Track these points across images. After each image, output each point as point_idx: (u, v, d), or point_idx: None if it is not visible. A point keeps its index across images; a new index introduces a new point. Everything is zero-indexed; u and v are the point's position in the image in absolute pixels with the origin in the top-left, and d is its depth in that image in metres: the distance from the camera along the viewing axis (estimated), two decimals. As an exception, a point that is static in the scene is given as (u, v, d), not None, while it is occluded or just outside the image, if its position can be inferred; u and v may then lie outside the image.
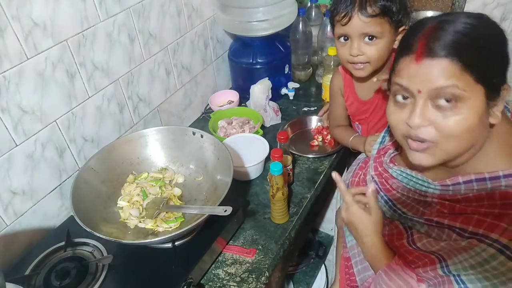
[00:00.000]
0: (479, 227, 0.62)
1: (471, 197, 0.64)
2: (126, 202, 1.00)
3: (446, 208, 0.68)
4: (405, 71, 0.64)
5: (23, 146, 0.93)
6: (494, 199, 0.62)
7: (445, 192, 0.69)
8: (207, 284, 0.93)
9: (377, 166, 0.88)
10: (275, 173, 0.94)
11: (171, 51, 1.29)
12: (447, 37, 0.60)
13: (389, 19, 0.94)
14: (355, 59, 0.99)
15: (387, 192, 0.83)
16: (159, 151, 1.11)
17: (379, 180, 0.86)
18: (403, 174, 0.78)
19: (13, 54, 0.86)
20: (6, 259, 0.95)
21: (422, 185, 0.74)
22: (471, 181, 0.64)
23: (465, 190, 0.66)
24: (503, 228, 0.59)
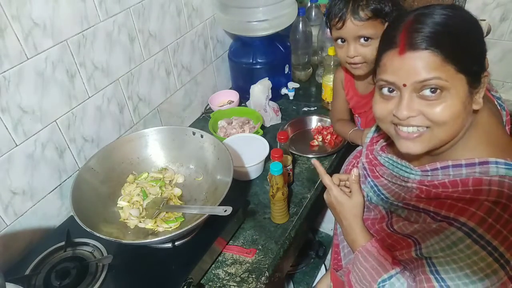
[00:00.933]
0: (450, 211, 0.64)
1: (447, 183, 0.67)
2: (126, 202, 1.00)
3: (424, 193, 0.70)
4: (388, 65, 0.66)
5: (23, 146, 0.93)
6: (467, 185, 0.64)
7: (424, 178, 0.71)
8: (207, 284, 0.93)
9: (368, 154, 0.91)
10: (275, 173, 0.94)
11: (171, 51, 1.29)
12: (427, 29, 0.62)
13: (382, 20, 0.97)
14: (351, 60, 1.03)
15: (374, 179, 0.86)
16: (159, 151, 1.11)
17: (368, 167, 0.88)
18: (390, 161, 0.81)
19: (13, 54, 0.86)
20: (6, 259, 0.95)
21: (405, 171, 0.76)
22: (448, 167, 0.67)
23: (442, 176, 0.68)
24: (472, 212, 0.61)
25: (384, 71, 0.67)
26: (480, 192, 0.62)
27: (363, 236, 0.80)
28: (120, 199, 1.01)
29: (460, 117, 0.64)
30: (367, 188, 0.87)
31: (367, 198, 0.87)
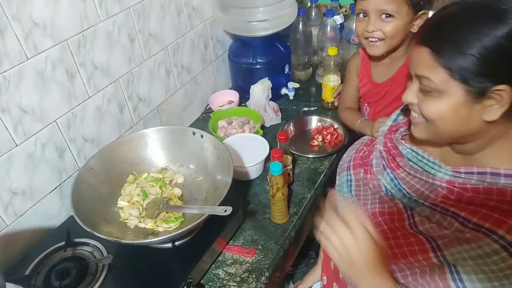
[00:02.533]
0: (485, 220, 0.61)
1: (480, 189, 0.65)
2: (126, 202, 1.00)
3: (454, 194, 0.67)
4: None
5: (23, 146, 0.93)
6: (505, 196, 0.62)
7: (455, 179, 0.68)
8: (207, 284, 0.93)
9: (387, 142, 0.86)
10: (275, 173, 0.94)
11: (171, 51, 1.29)
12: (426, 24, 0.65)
13: (407, 1, 0.97)
14: (370, 34, 1.03)
15: (393, 170, 0.81)
16: (159, 151, 1.11)
17: (386, 157, 0.84)
18: (413, 153, 0.77)
19: (13, 54, 0.86)
20: (6, 259, 0.95)
21: (432, 167, 0.73)
22: (485, 174, 0.65)
23: (476, 180, 0.66)
24: (510, 225, 0.59)
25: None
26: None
27: None
28: (120, 199, 1.01)
29: (448, 119, 0.64)
30: (384, 180, 0.82)
31: (382, 190, 0.81)
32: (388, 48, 1.05)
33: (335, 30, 1.55)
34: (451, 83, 0.62)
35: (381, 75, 1.15)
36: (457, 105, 0.63)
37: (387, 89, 1.14)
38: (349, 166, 0.93)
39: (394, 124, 0.90)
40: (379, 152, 0.87)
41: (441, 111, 0.65)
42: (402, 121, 0.90)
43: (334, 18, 1.54)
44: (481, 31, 0.58)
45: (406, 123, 0.88)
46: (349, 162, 0.94)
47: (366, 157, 0.92)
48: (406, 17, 0.99)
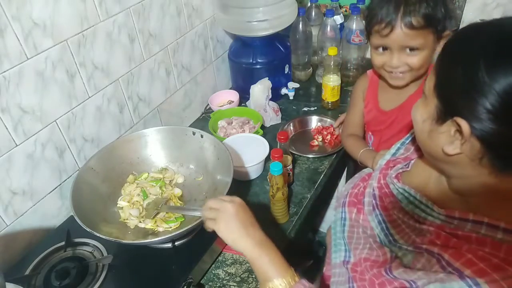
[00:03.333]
0: (468, 266, 0.55)
1: (473, 238, 0.58)
2: (126, 202, 1.00)
3: (441, 239, 0.61)
4: None
5: (23, 146, 0.93)
6: (499, 250, 0.55)
7: (447, 224, 0.62)
8: (207, 284, 0.93)
9: (380, 178, 0.81)
10: (275, 173, 0.94)
11: (171, 51, 1.29)
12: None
13: (433, 30, 0.88)
14: (394, 69, 0.95)
15: (383, 210, 0.76)
16: (159, 151, 1.11)
17: (378, 195, 0.79)
18: (406, 193, 0.72)
19: (13, 54, 0.86)
20: (6, 259, 0.95)
21: (423, 210, 0.67)
22: (481, 223, 0.58)
23: (470, 229, 0.59)
24: (493, 278, 0.52)
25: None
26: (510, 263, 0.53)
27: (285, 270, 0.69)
28: (120, 199, 1.01)
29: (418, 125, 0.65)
30: (373, 223, 0.76)
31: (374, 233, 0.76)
32: (413, 78, 0.97)
33: (335, 30, 1.55)
34: (432, 93, 0.61)
35: (389, 102, 1.06)
36: (426, 115, 0.62)
37: (394, 118, 1.06)
38: (344, 202, 0.87)
39: (393, 159, 0.85)
40: (372, 189, 0.81)
41: (415, 114, 0.65)
42: (401, 155, 0.84)
43: (334, 18, 1.54)
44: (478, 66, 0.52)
45: (405, 159, 0.83)
46: (345, 197, 0.88)
47: (361, 194, 0.85)
48: (433, 44, 0.91)
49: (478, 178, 0.59)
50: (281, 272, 0.69)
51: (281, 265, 0.70)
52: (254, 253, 0.71)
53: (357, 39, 1.52)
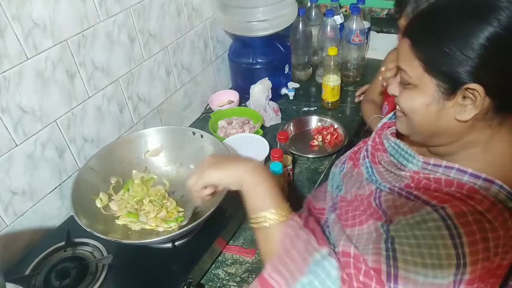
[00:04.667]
0: (434, 198, 0.62)
1: (442, 181, 0.65)
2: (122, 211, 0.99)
3: (414, 182, 0.68)
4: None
5: (23, 146, 0.93)
6: (462, 188, 0.62)
7: (422, 170, 0.69)
8: (207, 284, 0.93)
9: (376, 137, 0.87)
10: (275, 173, 0.94)
11: (171, 51, 1.29)
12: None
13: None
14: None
15: (373, 164, 0.83)
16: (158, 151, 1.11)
17: (371, 151, 0.85)
18: (396, 146, 0.77)
19: (13, 54, 0.86)
20: (6, 259, 0.95)
21: (406, 158, 0.73)
22: (451, 168, 0.65)
23: (441, 174, 0.66)
24: (455, 204, 0.58)
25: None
26: (471, 198, 0.59)
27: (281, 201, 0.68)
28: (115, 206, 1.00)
29: (420, 114, 0.65)
30: (363, 167, 0.84)
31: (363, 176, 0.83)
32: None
33: (335, 30, 1.55)
34: (424, 77, 0.61)
35: None
36: (428, 101, 0.62)
37: None
38: (345, 160, 0.94)
39: (389, 122, 0.91)
40: (367, 146, 0.88)
41: (414, 106, 0.65)
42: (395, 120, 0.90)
43: (334, 18, 1.54)
44: (462, 28, 0.57)
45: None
46: (346, 156, 0.95)
47: (359, 152, 0.92)
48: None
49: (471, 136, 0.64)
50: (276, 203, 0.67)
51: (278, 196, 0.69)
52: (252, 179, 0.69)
53: (357, 39, 1.52)
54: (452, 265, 0.55)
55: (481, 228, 0.55)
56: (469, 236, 0.55)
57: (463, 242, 0.55)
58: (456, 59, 0.57)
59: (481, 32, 0.55)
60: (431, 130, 0.67)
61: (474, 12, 0.57)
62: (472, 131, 0.63)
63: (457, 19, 0.58)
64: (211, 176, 0.72)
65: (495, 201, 0.58)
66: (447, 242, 0.55)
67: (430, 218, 0.58)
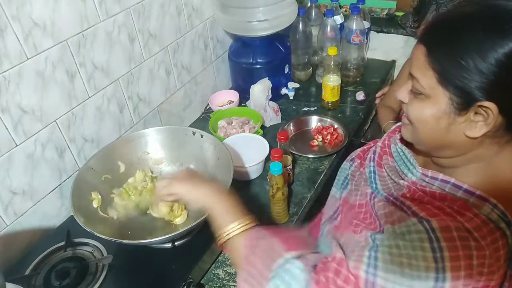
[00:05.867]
0: (423, 210, 0.62)
1: (436, 194, 0.65)
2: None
3: (410, 192, 0.69)
4: None
5: (23, 146, 0.93)
6: (454, 204, 0.61)
7: (420, 181, 0.69)
8: (207, 284, 0.93)
9: (385, 140, 0.86)
10: (275, 173, 0.94)
11: (171, 51, 1.29)
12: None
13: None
14: None
15: (378, 167, 0.83)
16: (159, 151, 1.11)
17: (378, 153, 0.85)
18: (401, 153, 0.77)
19: (13, 54, 0.86)
20: (6, 259, 0.95)
21: (407, 167, 0.73)
22: (447, 182, 0.64)
23: (437, 187, 0.65)
24: (442, 218, 0.58)
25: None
26: (461, 215, 0.58)
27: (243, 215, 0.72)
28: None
29: (429, 126, 0.63)
30: (367, 169, 0.84)
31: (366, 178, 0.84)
32: None
33: (335, 30, 1.55)
34: (437, 89, 0.59)
35: None
36: (439, 113, 0.61)
37: None
38: (354, 158, 0.94)
39: (400, 125, 0.89)
40: (375, 147, 0.88)
41: (424, 117, 0.63)
42: None
43: (334, 18, 1.54)
44: (482, 41, 0.54)
45: None
46: (356, 153, 0.95)
47: (368, 151, 0.92)
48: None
49: (477, 152, 0.63)
50: (237, 217, 0.72)
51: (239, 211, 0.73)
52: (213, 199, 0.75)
53: (357, 39, 1.52)
54: (430, 278, 0.55)
55: (465, 245, 0.55)
56: (451, 251, 0.54)
57: (444, 256, 0.54)
58: (471, 73, 0.55)
59: (500, 48, 0.53)
60: (438, 143, 0.65)
61: (498, 25, 0.54)
62: (479, 147, 0.62)
63: (479, 31, 0.55)
64: (178, 188, 0.79)
65: (486, 220, 0.57)
66: (427, 255, 0.55)
67: (415, 229, 0.58)
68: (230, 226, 0.70)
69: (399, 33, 1.73)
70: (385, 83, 1.69)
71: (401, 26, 1.71)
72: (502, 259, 0.56)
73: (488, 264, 0.55)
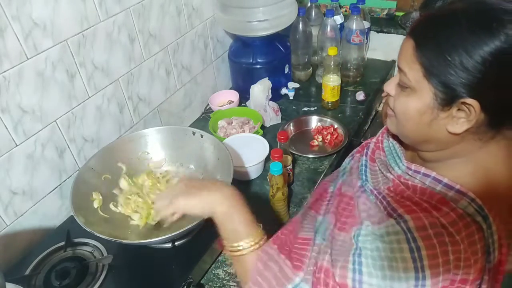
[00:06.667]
0: (402, 206, 0.63)
1: (417, 188, 0.66)
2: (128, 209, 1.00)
3: (394, 186, 0.70)
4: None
5: (23, 146, 0.93)
6: (432, 199, 0.62)
7: (404, 175, 0.70)
8: (207, 284, 0.93)
9: (379, 135, 0.88)
10: (275, 173, 0.94)
11: (171, 51, 1.29)
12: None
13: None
14: None
15: (370, 161, 0.84)
16: (159, 151, 1.11)
17: (372, 147, 0.86)
18: (392, 147, 0.79)
19: (13, 54, 0.86)
20: (6, 259, 0.95)
21: (395, 160, 0.75)
22: (428, 176, 0.65)
23: (419, 181, 0.67)
24: (418, 216, 0.59)
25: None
26: (438, 210, 0.59)
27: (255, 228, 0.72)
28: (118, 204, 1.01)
29: (412, 120, 0.64)
30: (360, 163, 0.86)
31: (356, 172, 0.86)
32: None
33: (335, 30, 1.55)
34: (423, 83, 0.60)
35: None
36: (424, 108, 0.61)
37: None
38: (353, 154, 0.95)
39: None
40: (370, 143, 0.89)
41: (408, 111, 0.64)
42: None
43: (334, 18, 1.54)
44: (468, 38, 0.54)
45: None
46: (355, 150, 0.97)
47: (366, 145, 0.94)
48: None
49: (459, 146, 0.64)
50: (249, 231, 0.71)
51: (250, 222, 0.72)
52: (224, 210, 0.72)
53: (357, 39, 1.52)
54: (410, 278, 0.56)
55: (441, 241, 0.56)
56: (429, 250, 0.55)
57: (422, 255, 0.55)
58: (457, 70, 0.55)
59: (486, 45, 0.53)
60: (420, 137, 0.66)
61: (484, 23, 0.54)
62: (461, 142, 0.63)
63: (465, 27, 0.55)
64: (179, 206, 0.73)
65: (464, 214, 0.58)
66: (406, 256, 0.56)
67: (393, 230, 0.59)
68: (241, 242, 0.70)
69: (399, 33, 1.73)
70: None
71: (401, 26, 1.71)
72: (480, 252, 0.57)
73: (464, 258, 0.56)
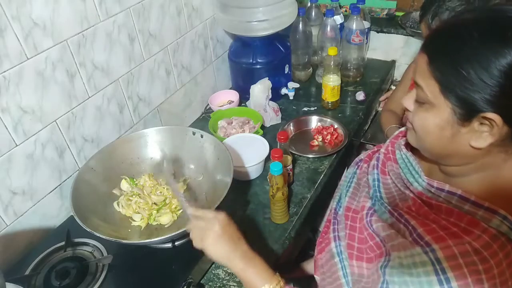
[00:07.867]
0: (429, 233, 0.60)
1: (443, 208, 0.63)
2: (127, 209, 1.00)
3: (416, 206, 0.67)
4: None
5: (23, 146, 0.93)
6: (461, 221, 0.59)
7: (426, 192, 0.67)
8: (207, 284, 0.92)
9: (389, 145, 0.86)
10: (275, 173, 0.94)
11: (171, 51, 1.29)
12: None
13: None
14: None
15: (382, 174, 0.81)
16: (159, 151, 1.11)
17: (382, 159, 0.84)
18: (406, 159, 0.75)
19: (13, 54, 0.86)
20: (6, 259, 0.95)
21: (413, 175, 0.71)
22: (454, 194, 0.62)
23: (443, 199, 0.64)
24: (448, 244, 0.57)
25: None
26: (468, 233, 0.57)
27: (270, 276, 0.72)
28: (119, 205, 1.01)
29: (432, 136, 0.62)
30: (371, 177, 0.83)
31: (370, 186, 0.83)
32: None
33: (335, 30, 1.55)
34: (440, 98, 0.58)
35: None
36: (443, 123, 0.59)
37: None
38: (359, 160, 0.94)
39: (404, 131, 0.87)
40: (379, 154, 0.87)
41: (427, 126, 0.62)
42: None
43: (334, 18, 1.54)
44: (483, 52, 0.52)
45: None
46: (361, 158, 0.95)
47: (373, 155, 0.92)
48: None
49: (484, 160, 0.61)
50: (266, 279, 0.71)
51: (266, 273, 0.72)
52: (240, 265, 0.73)
53: (357, 39, 1.52)
54: None
55: (473, 270, 0.53)
56: (459, 280, 0.54)
57: (452, 287, 0.54)
58: (473, 84, 0.53)
59: (503, 58, 0.51)
60: (443, 152, 0.64)
61: (498, 34, 0.52)
62: (487, 155, 0.60)
63: (479, 40, 0.53)
64: (206, 249, 0.74)
65: (497, 234, 0.55)
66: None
67: (420, 261, 0.58)
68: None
69: (399, 33, 1.73)
70: (385, 83, 1.69)
71: (401, 26, 1.71)
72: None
73: (500, 282, 0.54)
